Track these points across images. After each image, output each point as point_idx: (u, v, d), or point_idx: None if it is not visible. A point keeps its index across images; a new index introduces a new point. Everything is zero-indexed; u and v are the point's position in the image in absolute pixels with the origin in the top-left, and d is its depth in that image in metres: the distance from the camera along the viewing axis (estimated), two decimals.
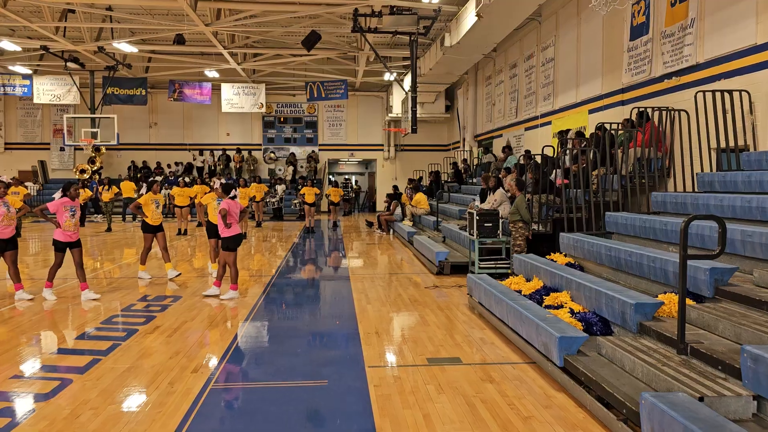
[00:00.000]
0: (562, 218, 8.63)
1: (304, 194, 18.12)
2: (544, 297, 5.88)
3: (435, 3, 14.30)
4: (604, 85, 12.11)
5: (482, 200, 10.46)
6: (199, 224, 20.12)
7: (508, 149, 16.81)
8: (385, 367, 5.03)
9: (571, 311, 5.21)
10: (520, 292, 6.34)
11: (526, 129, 16.73)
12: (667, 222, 6.13)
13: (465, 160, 21.55)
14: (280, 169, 27.90)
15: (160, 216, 9.58)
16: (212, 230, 9.32)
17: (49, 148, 27.48)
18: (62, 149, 27.26)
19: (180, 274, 9.76)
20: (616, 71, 11.47)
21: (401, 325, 6.52)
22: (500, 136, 19.06)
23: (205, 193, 12.51)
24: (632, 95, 10.85)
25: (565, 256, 7.18)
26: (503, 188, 9.93)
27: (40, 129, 27.66)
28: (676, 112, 8.72)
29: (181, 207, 17.03)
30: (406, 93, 17.17)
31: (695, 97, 7.82)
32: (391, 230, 17.30)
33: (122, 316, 7.10)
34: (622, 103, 11.25)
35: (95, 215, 24.04)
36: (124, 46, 18.86)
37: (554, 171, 9.64)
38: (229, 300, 7.88)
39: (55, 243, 7.99)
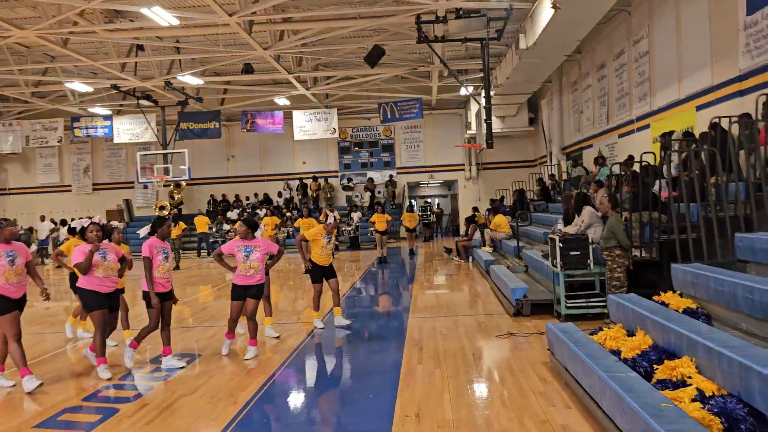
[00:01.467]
0: (671, 240, 6.70)
1: (374, 222, 16.78)
2: (654, 366, 4.08)
3: (505, 1, 12.65)
4: (714, 74, 9.96)
5: (567, 223, 8.62)
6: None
7: (601, 160, 14.70)
8: None
9: (700, 394, 3.41)
10: (618, 353, 4.55)
11: (620, 136, 14.60)
12: None
13: (552, 176, 19.48)
14: (357, 196, 26.83)
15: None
16: (318, 273, 7.96)
17: (133, 187, 27.90)
18: (145, 187, 27.58)
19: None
20: (730, 56, 9.33)
21: (454, 400, 4.84)
22: (590, 146, 16.94)
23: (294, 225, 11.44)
24: (754, 82, 8.70)
25: (681, 296, 5.28)
26: (593, 207, 8.08)
27: (125, 168, 28.19)
28: None
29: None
30: (481, 106, 15.52)
31: None
32: (470, 257, 15.58)
33: (113, 388, 5.86)
34: (741, 93, 9.08)
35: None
36: (189, 79, 18.51)
37: (657, 181, 7.69)
38: (252, 359, 6.54)
39: (146, 296, 6.26)
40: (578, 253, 7.32)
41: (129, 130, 24.57)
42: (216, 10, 12.36)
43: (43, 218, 24.76)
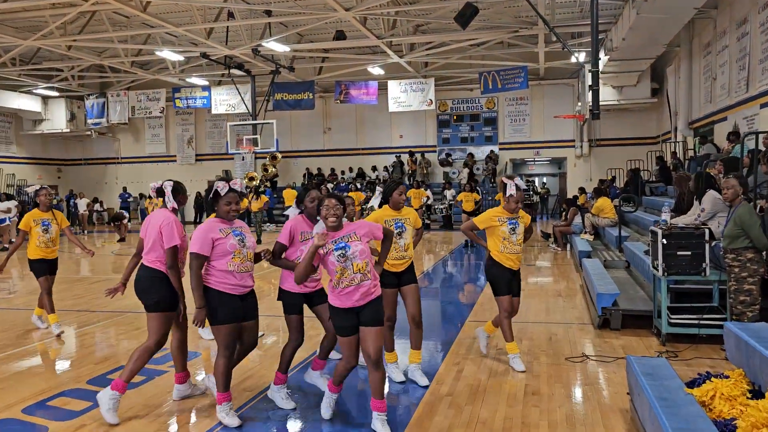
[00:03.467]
0: None
1: (461, 201, 15.23)
2: None
3: None
4: None
5: (679, 211, 6.66)
6: None
7: (734, 136, 12.16)
8: None
9: None
10: (732, 425, 2.87)
11: (763, 106, 11.97)
12: None
13: (675, 153, 16.83)
14: (455, 172, 25.20)
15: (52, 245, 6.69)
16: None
17: (233, 158, 28.00)
18: (243, 158, 27.58)
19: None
20: None
21: None
22: (724, 119, 14.26)
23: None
24: None
25: None
26: (717, 191, 6.11)
27: (225, 139, 28.34)
28: None
29: None
30: (586, 69, 13.40)
31: None
32: (568, 245, 13.63)
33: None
34: None
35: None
36: (275, 45, 17.69)
37: None
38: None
39: (284, 296, 4.44)
40: (689, 253, 5.47)
41: (225, 101, 24.47)
42: None
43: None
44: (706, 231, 5.56)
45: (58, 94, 26.06)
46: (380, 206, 4.92)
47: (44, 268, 6.63)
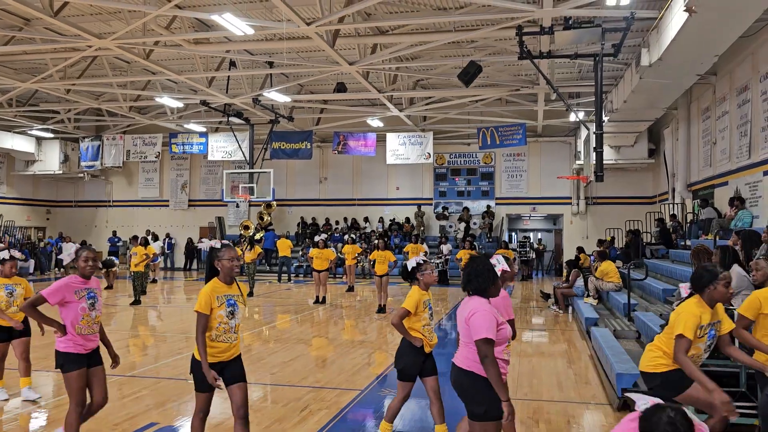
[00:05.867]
0: None
1: (461, 259, 14.95)
2: None
3: (625, 5, 10.58)
4: None
5: None
6: (350, 288, 17.93)
7: (738, 201, 12.12)
8: None
9: None
10: None
11: (766, 173, 11.93)
12: None
13: (674, 216, 16.77)
14: (451, 226, 25.02)
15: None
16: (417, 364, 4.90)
17: (226, 205, 27.71)
18: (237, 206, 27.30)
19: (40, 397, 6.30)
20: None
21: None
22: (725, 184, 14.23)
23: None
24: None
25: None
26: (743, 268, 5.87)
27: (220, 186, 28.14)
28: None
29: (318, 271, 14.80)
30: (590, 132, 13.40)
31: None
32: (570, 307, 13.32)
33: None
34: None
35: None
36: (276, 96, 17.69)
37: None
38: None
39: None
40: None
41: (222, 147, 24.37)
42: (292, 17, 11.24)
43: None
44: (735, 313, 5.28)
45: (53, 136, 25.87)
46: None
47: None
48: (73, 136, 25.94)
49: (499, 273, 3.87)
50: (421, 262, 5.03)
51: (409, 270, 5.02)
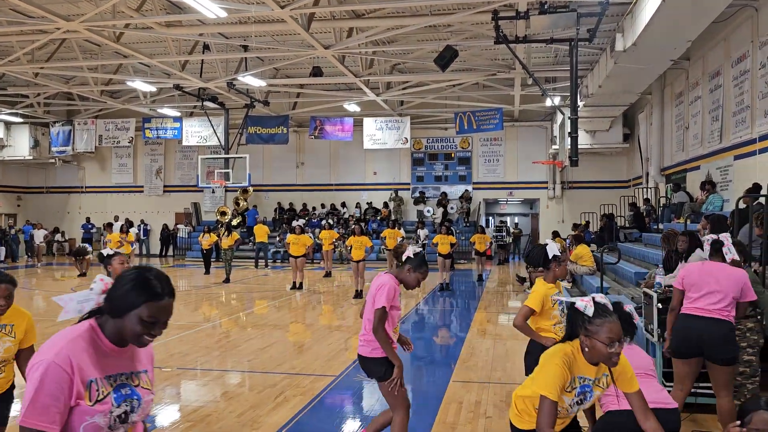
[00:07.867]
0: None
1: (437, 244, 15.01)
2: None
3: None
4: None
5: (668, 270, 6.52)
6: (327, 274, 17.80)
7: (709, 185, 12.30)
8: None
9: None
10: None
11: (737, 158, 12.12)
12: None
13: (648, 200, 17.00)
14: (428, 211, 25.09)
15: None
16: None
17: (202, 191, 27.42)
18: (213, 191, 27.06)
19: None
20: None
21: None
22: (697, 168, 14.45)
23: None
24: None
25: None
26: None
27: (195, 171, 27.79)
28: None
29: (296, 257, 14.74)
30: (565, 117, 13.47)
31: None
32: None
33: None
34: None
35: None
36: (251, 80, 17.47)
37: None
38: None
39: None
40: None
41: (197, 132, 24.05)
42: (265, 0, 11.07)
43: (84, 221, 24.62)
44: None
45: (22, 120, 25.24)
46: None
47: None
48: (43, 120, 25.37)
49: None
50: (562, 250, 4.50)
51: (550, 257, 4.44)
